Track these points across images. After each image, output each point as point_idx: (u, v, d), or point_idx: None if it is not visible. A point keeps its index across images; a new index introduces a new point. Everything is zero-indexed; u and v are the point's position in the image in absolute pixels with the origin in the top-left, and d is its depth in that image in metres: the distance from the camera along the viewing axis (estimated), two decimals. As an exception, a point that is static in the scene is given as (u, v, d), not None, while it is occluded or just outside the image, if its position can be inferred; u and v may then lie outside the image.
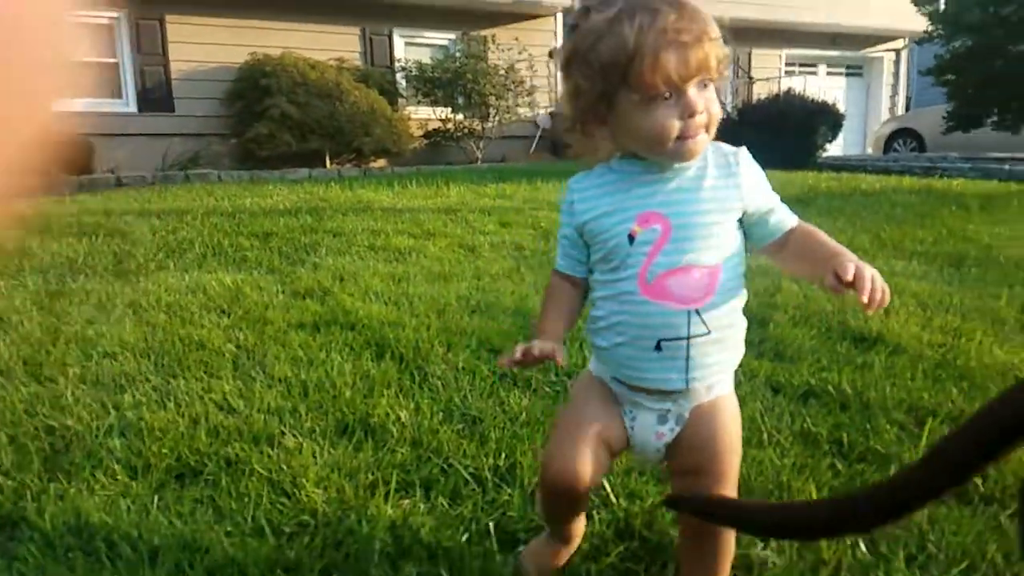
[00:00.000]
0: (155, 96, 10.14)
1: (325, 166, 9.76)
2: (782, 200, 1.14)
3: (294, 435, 1.89)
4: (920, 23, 11.29)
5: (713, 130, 1.06)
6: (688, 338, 1.09)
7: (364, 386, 2.20)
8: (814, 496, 1.54)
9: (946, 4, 10.48)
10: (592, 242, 1.14)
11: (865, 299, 0.95)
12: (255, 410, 2.04)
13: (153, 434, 1.89)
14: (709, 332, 1.08)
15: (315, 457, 1.77)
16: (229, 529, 1.50)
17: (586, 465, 1.14)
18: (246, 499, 1.59)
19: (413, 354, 2.44)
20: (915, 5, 10.97)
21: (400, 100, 11.02)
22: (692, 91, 1.00)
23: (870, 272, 0.97)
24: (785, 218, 1.14)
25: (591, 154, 1.14)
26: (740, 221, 1.11)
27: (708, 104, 1.03)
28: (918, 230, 4.63)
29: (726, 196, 1.09)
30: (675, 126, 1.01)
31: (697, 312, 1.08)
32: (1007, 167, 8.54)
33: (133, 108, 10.12)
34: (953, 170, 8.62)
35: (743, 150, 1.13)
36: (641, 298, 1.09)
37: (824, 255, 1.05)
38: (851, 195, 6.39)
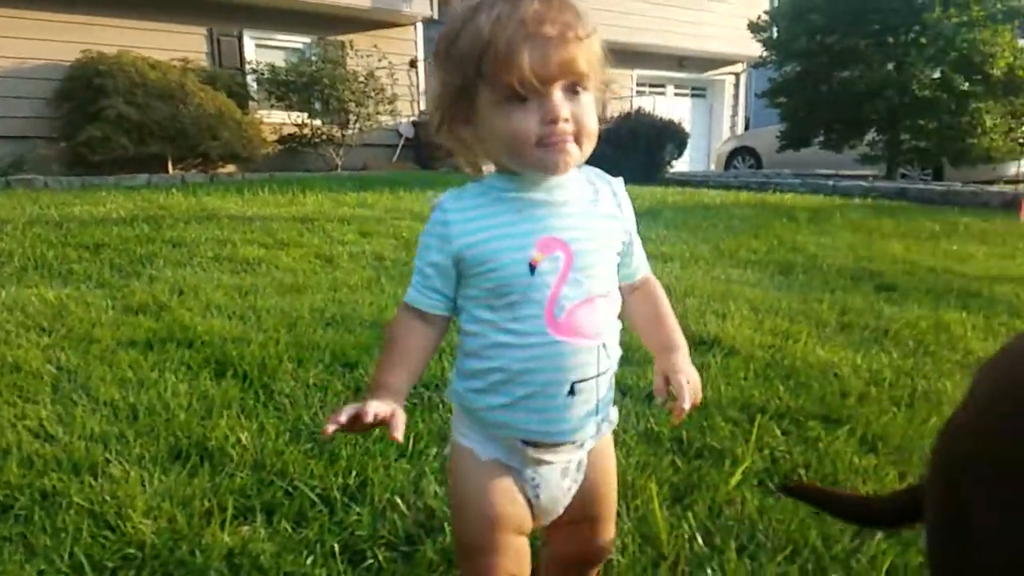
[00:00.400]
0: (-31, 94, 9.15)
1: (167, 171, 9.17)
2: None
3: (120, 463, 1.74)
4: (756, 49, 12.22)
5: (587, 145, 0.95)
6: (598, 376, 1.00)
7: (201, 407, 2.07)
8: (655, 492, 1.60)
9: (778, 32, 11.40)
10: (474, 272, 0.97)
11: (675, 420, 0.96)
12: (76, 437, 1.86)
13: (-49, 470, 1.68)
14: (611, 365, 1.01)
15: (144, 485, 1.64)
16: (43, 568, 1.37)
17: None
18: (63, 534, 1.45)
19: (258, 371, 2.32)
20: (751, 32, 11.85)
21: (251, 104, 10.56)
22: (557, 95, 0.89)
23: (691, 388, 0.98)
24: (643, 264, 1.10)
25: (467, 158, 1.01)
26: (620, 252, 1.05)
27: (578, 113, 0.91)
28: (753, 240, 4.97)
29: (615, 225, 1.02)
30: (532, 131, 0.90)
31: (604, 346, 0.99)
32: (831, 183, 9.39)
33: (-57, 106, 9.07)
34: (785, 185, 9.35)
35: (621, 183, 1.07)
36: (551, 338, 0.96)
37: (661, 340, 1.06)
38: (695, 208, 6.78)
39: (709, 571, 1.38)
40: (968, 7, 9.96)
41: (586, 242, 0.97)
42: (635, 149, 9.40)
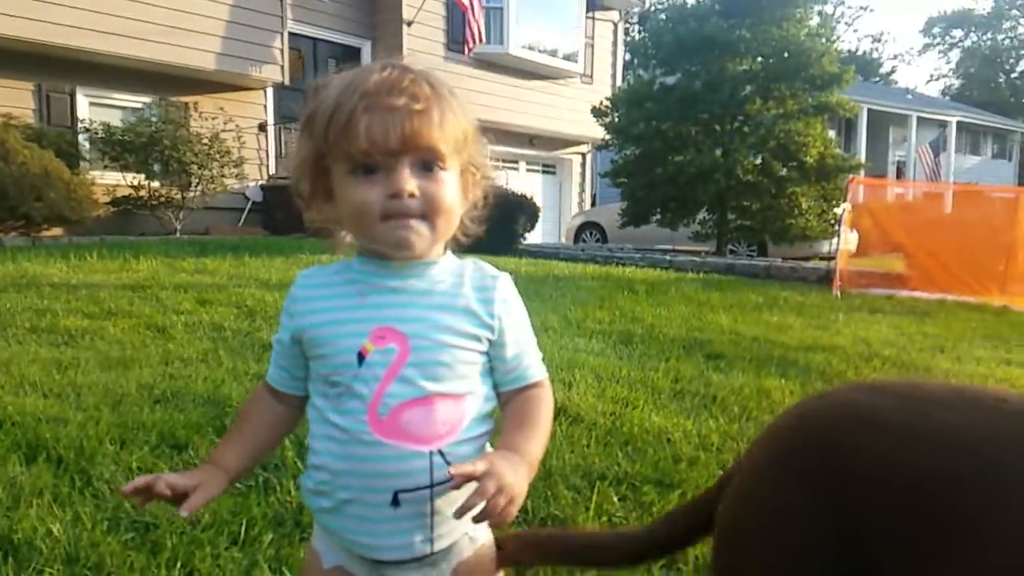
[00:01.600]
0: None
1: (-18, 234, 8.33)
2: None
3: (-98, 566, 1.53)
4: (600, 132, 13.06)
5: (443, 224, 0.91)
6: (431, 487, 0.89)
7: (8, 497, 1.87)
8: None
9: (618, 117, 12.26)
10: (312, 355, 0.93)
11: (476, 502, 0.81)
12: None
13: None
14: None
15: (-70, 592, 1.45)
16: None
17: None
18: None
19: (75, 455, 2.13)
20: (594, 116, 12.68)
21: (83, 163, 9.87)
22: (405, 170, 0.86)
23: (495, 485, 0.82)
24: (528, 371, 0.99)
25: (335, 237, 0.97)
26: (487, 353, 0.96)
27: (429, 189, 0.88)
28: (598, 311, 5.21)
29: (476, 321, 0.93)
30: (376, 203, 0.86)
31: (440, 453, 0.89)
32: (668, 258, 10.08)
33: None
34: (628, 259, 9.94)
35: (505, 276, 1.00)
36: (372, 438, 0.88)
37: (506, 440, 0.92)
38: (546, 279, 7.05)
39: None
40: (784, 101, 11.24)
41: (429, 337, 0.90)
42: (490, 222, 9.60)
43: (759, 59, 11.49)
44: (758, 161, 11.28)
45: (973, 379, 3.84)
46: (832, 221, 10.72)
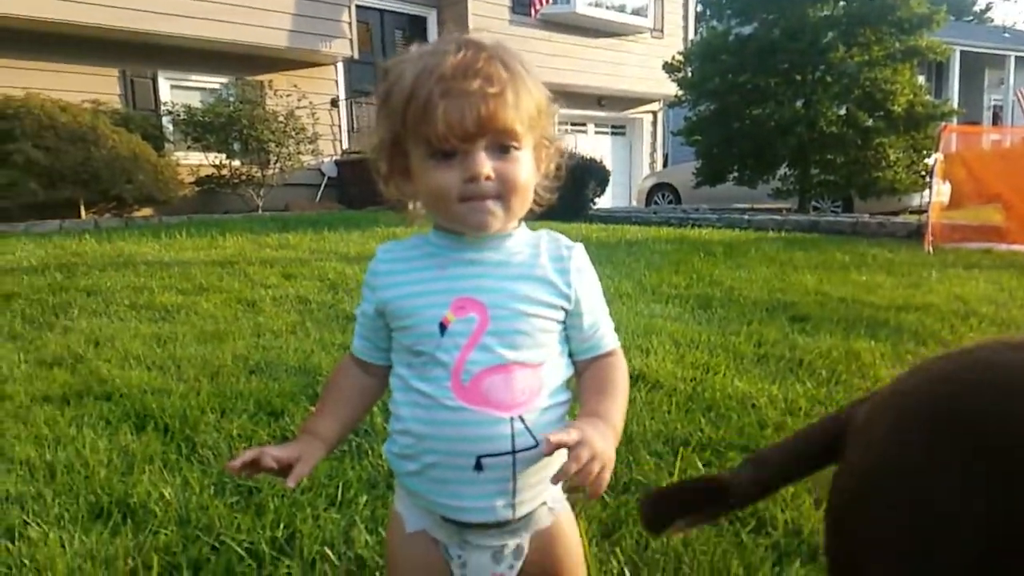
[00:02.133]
0: None
1: (80, 216, 8.83)
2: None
3: (38, 524, 1.67)
4: (672, 88, 12.72)
5: (518, 203, 0.92)
6: (513, 453, 0.91)
7: (122, 463, 2.01)
8: (584, 530, 1.63)
9: (692, 72, 11.89)
10: (395, 326, 0.96)
11: (573, 469, 0.82)
12: (-12, 500, 1.78)
13: None
14: (537, 444, 0.91)
15: (64, 547, 1.58)
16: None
17: None
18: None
19: (180, 424, 2.26)
20: (666, 73, 12.34)
21: (167, 145, 10.32)
22: (481, 154, 0.87)
23: (588, 453, 0.83)
24: (603, 340, 1.00)
25: (410, 212, 1.00)
26: (564, 323, 0.97)
27: (504, 171, 0.89)
28: (674, 276, 5.13)
29: (552, 291, 0.95)
30: (454, 187, 0.88)
31: (522, 419, 0.91)
32: (747, 217, 9.79)
33: None
34: (703, 220, 9.70)
35: (580, 247, 1.00)
36: (456, 403, 0.90)
37: (589, 407, 0.94)
38: (618, 244, 6.96)
39: (638, 605, 1.42)
40: (869, 48, 10.65)
41: (507, 307, 0.92)
42: (559, 187, 9.56)
43: (841, 3, 10.90)
44: (842, 112, 10.80)
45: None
46: (923, 173, 10.20)
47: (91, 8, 9.21)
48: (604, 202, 12.07)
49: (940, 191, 8.08)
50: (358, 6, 11.98)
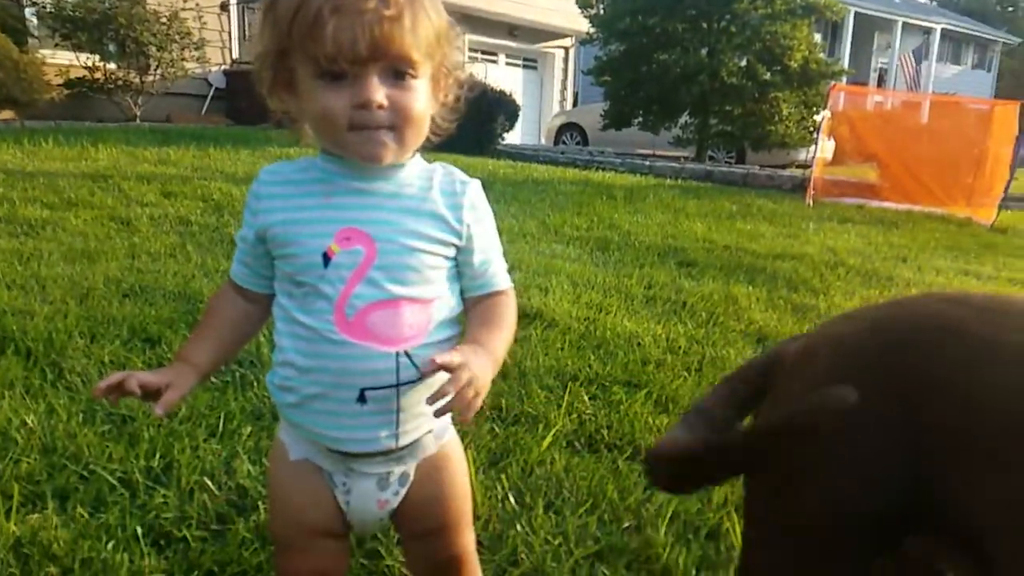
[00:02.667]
0: None
1: (-72, 115, 7.93)
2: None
3: None
4: (584, 24, 12.58)
5: (412, 134, 0.88)
6: (398, 386, 0.90)
7: (-23, 388, 1.85)
8: (471, 459, 1.66)
9: (604, 9, 11.80)
10: (277, 254, 0.92)
11: (450, 390, 0.82)
12: None
13: None
14: (422, 377, 0.90)
15: (-92, 480, 1.45)
16: None
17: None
18: None
19: (45, 348, 2.11)
20: (579, 7, 12.18)
21: (32, 41, 9.32)
22: (373, 79, 0.82)
23: (467, 376, 0.83)
24: (495, 279, 0.99)
25: (295, 128, 0.93)
26: (455, 259, 0.95)
27: (399, 99, 0.84)
28: (576, 217, 5.19)
29: (444, 226, 0.92)
30: (341, 113, 0.83)
31: (407, 354, 0.90)
32: (648, 163, 9.98)
33: None
34: (608, 164, 9.82)
35: (475, 183, 0.97)
36: (339, 337, 0.88)
37: (472, 336, 0.93)
38: (524, 183, 6.95)
39: (518, 527, 1.47)
40: (772, 1, 10.88)
41: (397, 241, 0.89)
42: (467, 119, 9.34)
43: (749, -45, 11.07)
44: (743, 63, 11.07)
45: (931, 289, 3.95)
46: (811, 129, 10.68)
47: None
48: (513, 138, 11.98)
49: (825, 147, 8.52)
50: (255, -98, 11.10)
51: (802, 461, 0.78)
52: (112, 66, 9.57)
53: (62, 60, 9.37)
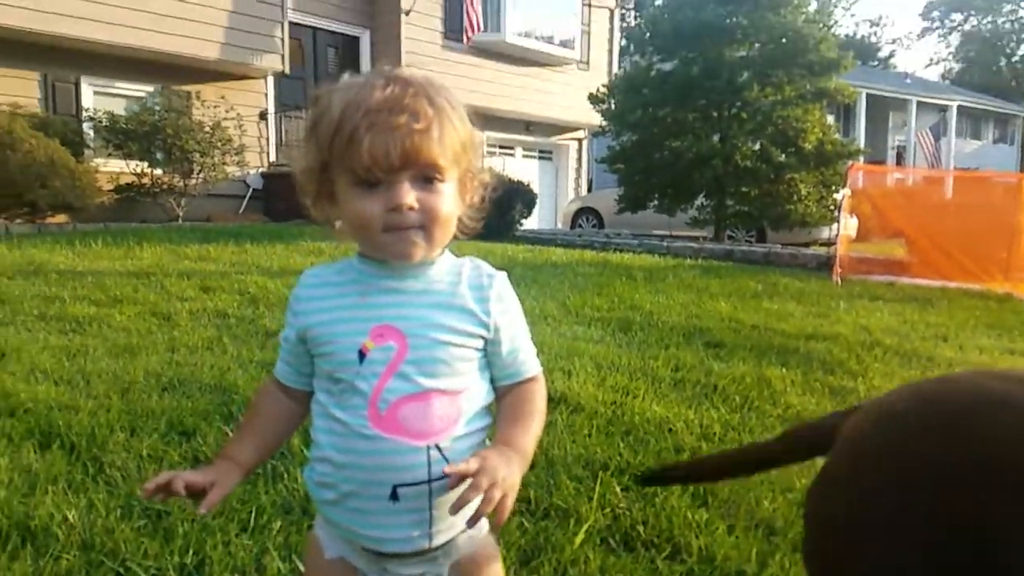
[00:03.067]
0: None
1: (-11, 221, 8.36)
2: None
3: (-77, 552, 1.57)
4: (596, 118, 13.03)
5: (440, 233, 0.94)
6: (429, 482, 0.92)
7: (24, 483, 1.91)
8: (504, 559, 1.64)
9: (615, 104, 12.22)
10: (316, 353, 0.97)
11: (471, 497, 0.82)
12: None
13: None
14: (449, 481, 0.89)
15: (-48, 577, 1.49)
16: None
17: None
18: None
19: (87, 442, 2.17)
20: (591, 103, 12.65)
21: (87, 151, 9.91)
22: (405, 184, 0.89)
23: (488, 480, 0.83)
24: (524, 366, 1.02)
25: (337, 235, 1.00)
26: (484, 350, 0.99)
27: (428, 201, 0.91)
28: (596, 298, 5.22)
29: (472, 319, 0.96)
30: (377, 216, 0.90)
31: (438, 448, 0.92)
32: (665, 244, 10.07)
33: None
34: (625, 245, 9.91)
35: (501, 275, 1.02)
36: (372, 431, 0.91)
37: (500, 435, 0.95)
38: (543, 266, 7.05)
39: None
40: (782, 88, 11.19)
41: (426, 335, 0.93)
42: (483, 216, 9.64)
43: (756, 45, 11.43)
44: (756, 147, 11.26)
45: (976, 368, 3.87)
46: (831, 207, 10.71)
47: (11, 10, 8.81)
48: (530, 224, 12.22)
49: (848, 225, 8.53)
50: (292, 23, 11.85)
51: (866, 527, 0.80)
52: (159, 171, 10.11)
53: (113, 168, 9.94)
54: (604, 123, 12.49)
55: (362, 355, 0.92)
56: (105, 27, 9.54)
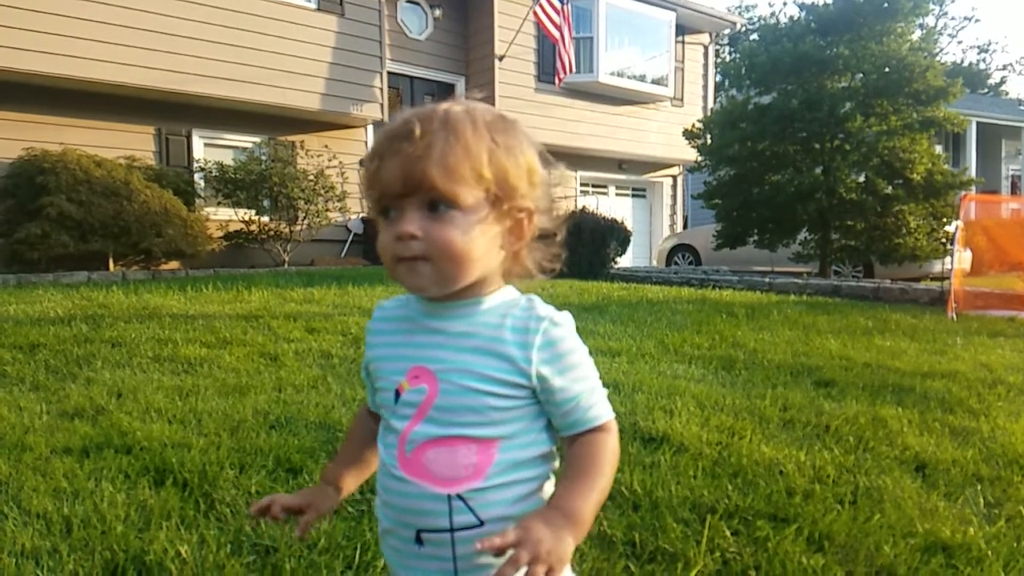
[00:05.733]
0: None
1: (108, 268, 9.00)
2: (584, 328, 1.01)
3: (51, 582, 1.65)
4: (691, 154, 12.88)
5: (452, 268, 0.87)
6: (452, 530, 0.88)
7: (139, 519, 1.99)
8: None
9: (711, 139, 12.06)
10: (374, 387, 0.99)
11: (509, 573, 0.77)
12: (5, 553, 1.77)
13: None
14: (481, 524, 0.87)
15: (75, 607, 1.55)
16: None
17: None
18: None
19: (199, 479, 2.24)
20: (686, 139, 12.53)
21: (198, 201, 10.58)
22: (408, 212, 0.86)
23: (528, 555, 0.77)
24: (585, 415, 0.92)
25: None
26: (535, 398, 0.92)
27: (432, 231, 0.85)
28: (696, 336, 5.08)
29: (510, 367, 0.89)
30: (388, 246, 0.88)
31: (461, 497, 0.88)
32: (767, 280, 9.75)
33: None
34: (724, 282, 9.67)
35: (558, 317, 0.92)
36: (399, 473, 0.90)
37: (555, 496, 0.88)
38: (639, 303, 6.94)
39: None
40: (886, 118, 10.74)
41: (457, 382, 0.89)
42: (580, 246, 9.70)
43: (859, 76, 11.04)
44: (861, 179, 10.83)
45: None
46: (943, 240, 10.16)
47: (129, 69, 9.58)
48: (625, 261, 12.13)
49: (961, 258, 8.03)
50: (390, 72, 12.40)
51: None
52: (265, 219, 10.65)
53: (223, 216, 10.55)
54: (700, 158, 12.31)
55: (398, 395, 0.92)
56: (213, 82, 10.23)
